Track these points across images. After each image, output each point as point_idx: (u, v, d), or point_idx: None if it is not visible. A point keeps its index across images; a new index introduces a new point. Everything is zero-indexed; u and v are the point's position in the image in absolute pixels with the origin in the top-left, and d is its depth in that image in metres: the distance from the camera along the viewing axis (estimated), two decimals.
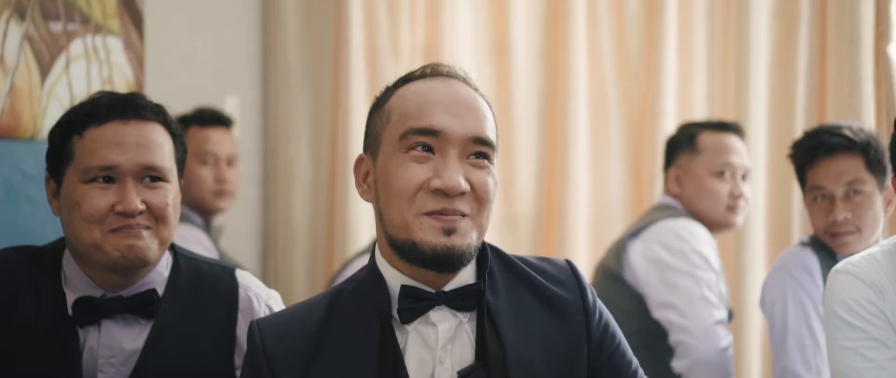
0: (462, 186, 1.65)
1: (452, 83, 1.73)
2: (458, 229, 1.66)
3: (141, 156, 1.91)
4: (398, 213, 1.67)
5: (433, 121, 1.67)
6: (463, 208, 1.67)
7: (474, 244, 1.69)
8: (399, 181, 1.67)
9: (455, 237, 1.66)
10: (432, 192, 1.65)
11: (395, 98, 1.73)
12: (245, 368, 1.76)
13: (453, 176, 1.65)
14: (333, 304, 1.76)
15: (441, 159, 1.67)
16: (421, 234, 1.66)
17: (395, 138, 1.69)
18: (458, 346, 1.72)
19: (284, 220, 4.14)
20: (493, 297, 1.74)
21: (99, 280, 1.95)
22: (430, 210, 1.66)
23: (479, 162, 1.69)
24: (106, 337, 1.94)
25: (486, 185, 1.69)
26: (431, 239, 1.65)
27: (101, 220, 1.89)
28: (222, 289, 2.02)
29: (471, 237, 1.68)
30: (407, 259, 1.69)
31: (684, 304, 3.12)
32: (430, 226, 1.66)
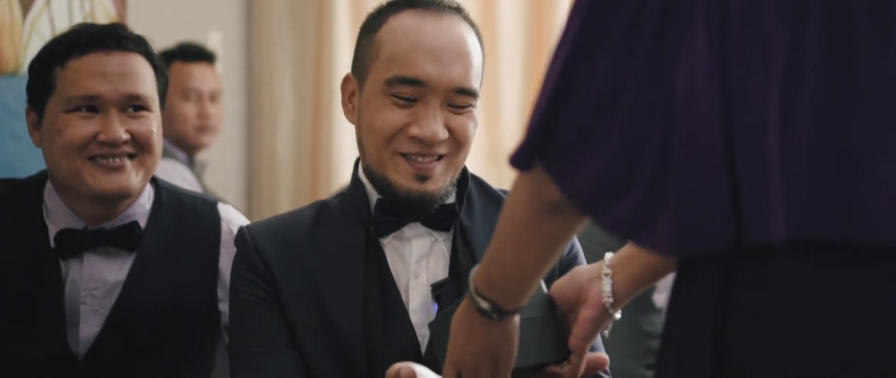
0: (440, 136, 1.69)
1: (444, 21, 1.73)
2: (432, 175, 1.70)
3: (124, 85, 1.91)
4: (375, 150, 1.72)
5: (419, 71, 1.68)
6: (440, 151, 1.71)
7: (448, 185, 1.74)
8: (379, 122, 1.70)
9: (429, 183, 1.70)
10: (410, 137, 1.69)
11: (386, 30, 1.74)
12: (237, 271, 1.79)
13: (432, 125, 1.68)
14: (320, 213, 1.81)
15: (422, 107, 1.69)
16: (395, 174, 1.70)
17: (380, 79, 1.71)
18: (433, 263, 1.76)
19: (268, 156, 4.15)
20: (469, 219, 1.78)
21: (81, 212, 1.95)
22: (405, 152, 1.70)
23: (460, 109, 1.72)
24: (88, 269, 1.95)
25: (465, 130, 1.72)
26: (405, 183, 1.70)
27: (83, 148, 1.89)
28: (205, 221, 2.03)
29: (444, 180, 1.73)
30: (382, 193, 1.75)
31: None
32: (404, 169, 1.70)
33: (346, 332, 1.72)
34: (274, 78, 4.11)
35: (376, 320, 1.72)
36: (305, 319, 1.74)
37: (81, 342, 1.94)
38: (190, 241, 2.01)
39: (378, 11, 1.79)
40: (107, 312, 1.94)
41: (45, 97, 1.92)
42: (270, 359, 1.73)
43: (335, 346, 1.72)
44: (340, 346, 1.72)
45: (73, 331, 1.94)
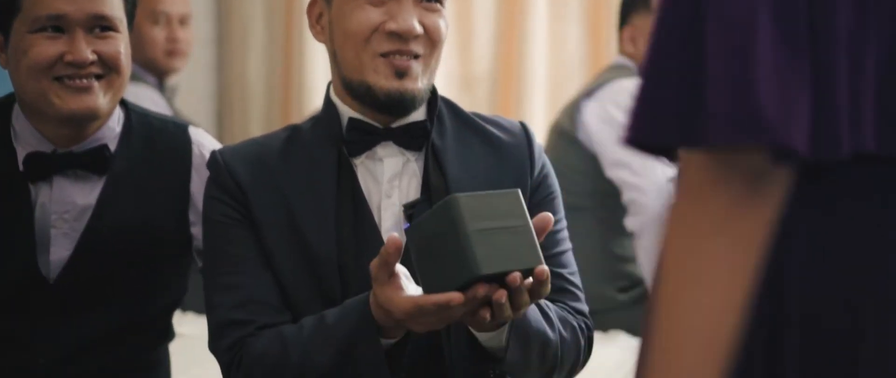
0: (416, 29, 1.71)
1: None
2: (409, 72, 1.72)
3: (90, 5, 1.88)
4: (354, 54, 1.73)
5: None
6: (416, 49, 1.72)
7: (425, 87, 1.75)
8: (354, 24, 1.72)
9: (407, 81, 1.72)
10: (387, 34, 1.70)
11: None
12: (209, 193, 1.79)
13: (408, 19, 1.70)
14: (292, 136, 1.82)
15: (396, 3, 1.71)
16: (375, 76, 1.71)
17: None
18: (405, 182, 1.78)
19: (239, 80, 4.12)
20: (440, 139, 1.79)
21: (49, 135, 1.93)
22: (384, 51, 1.71)
23: (432, 5, 1.74)
24: (58, 192, 1.93)
25: (438, 28, 1.74)
26: (384, 83, 1.71)
27: (49, 68, 1.87)
28: (175, 145, 2.01)
29: (422, 80, 1.74)
30: (360, 100, 1.75)
31: (637, 163, 3.16)
32: (383, 69, 1.71)
33: (318, 252, 1.72)
34: (245, 0, 4.07)
35: (349, 240, 1.73)
36: (278, 240, 1.74)
37: (52, 266, 1.93)
38: (161, 165, 2.00)
39: None
40: (77, 236, 1.94)
41: (11, 18, 1.90)
42: (244, 277, 1.73)
43: (308, 266, 1.73)
44: (313, 266, 1.72)
45: (44, 254, 1.93)
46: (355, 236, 1.73)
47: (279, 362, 1.67)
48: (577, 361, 1.77)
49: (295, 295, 1.73)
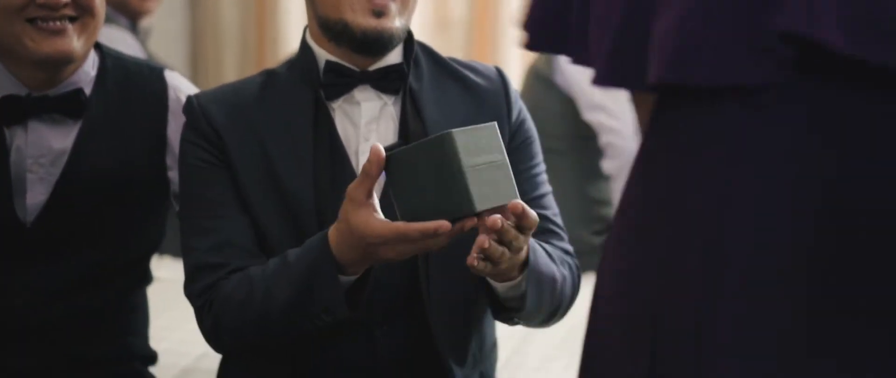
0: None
1: None
2: (387, 11, 1.71)
3: None
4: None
5: None
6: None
7: (402, 27, 1.75)
8: None
9: (385, 20, 1.71)
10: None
11: None
12: (186, 137, 1.79)
13: None
14: (268, 80, 1.81)
15: None
16: (352, 15, 1.70)
17: None
18: (383, 126, 1.78)
19: (213, 21, 4.08)
20: (417, 83, 1.79)
21: (24, 79, 1.91)
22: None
23: None
24: (33, 136, 1.92)
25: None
26: (362, 21, 1.70)
27: (21, 9, 1.84)
28: (151, 88, 2.00)
29: (399, 20, 1.74)
30: (336, 41, 1.75)
31: (614, 106, 3.16)
32: (361, 6, 1.70)
33: (296, 195, 1.73)
34: None
35: (326, 182, 1.73)
36: (255, 184, 1.74)
37: (29, 209, 1.92)
38: (137, 108, 1.98)
39: None
40: (54, 180, 1.92)
41: None
42: (220, 221, 1.74)
43: (285, 209, 1.73)
44: (290, 209, 1.73)
45: (21, 198, 1.91)
46: (332, 179, 1.74)
47: (244, 302, 1.68)
48: (573, 299, 1.80)
49: (272, 238, 1.73)
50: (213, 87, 1.86)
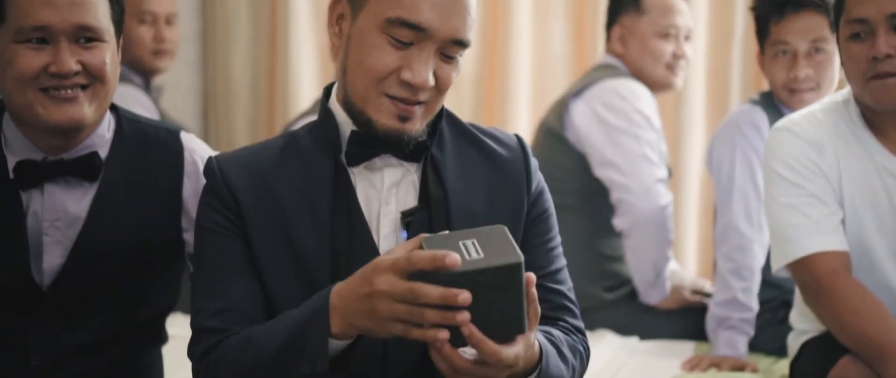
0: (430, 83, 1.70)
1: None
2: (412, 117, 1.72)
3: (75, 15, 1.86)
4: (362, 86, 1.72)
5: (422, 18, 1.67)
6: (423, 98, 1.72)
7: (423, 126, 1.75)
8: (372, 60, 1.70)
9: (408, 124, 1.72)
10: (400, 81, 1.69)
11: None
12: (204, 200, 1.79)
13: (423, 72, 1.69)
14: (289, 143, 1.81)
15: (417, 52, 1.69)
16: (377, 114, 1.71)
17: (380, 15, 1.69)
18: (403, 191, 1.78)
19: (224, 77, 4.10)
20: (439, 151, 1.80)
21: (39, 143, 1.92)
22: (392, 94, 1.70)
23: (450, 59, 1.73)
24: (49, 200, 1.92)
25: (449, 79, 1.73)
26: (386, 121, 1.71)
27: (34, 79, 1.85)
28: (167, 151, 2.01)
29: (423, 122, 1.74)
30: (357, 123, 1.75)
31: (626, 163, 3.16)
32: (387, 109, 1.71)
33: (312, 259, 1.73)
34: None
35: (343, 246, 1.73)
36: (271, 247, 1.74)
37: (46, 273, 1.93)
38: (152, 171, 1.99)
39: None
40: (70, 244, 1.93)
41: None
42: (229, 286, 1.74)
43: (301, 273, 1.73)
44: (307, 273, 1.72)
45: (37, 261, 1.92)
46: (350, 243, 1.73)
47: (239, 355, 1.67)
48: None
49: (286, 301, 1.72)
50: (234, 150, 1.86)
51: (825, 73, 2.86)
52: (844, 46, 2.19)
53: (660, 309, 3.25)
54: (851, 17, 2.16)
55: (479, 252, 1.49)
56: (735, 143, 2.93)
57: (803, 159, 2.23)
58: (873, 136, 2.22)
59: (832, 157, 2.22)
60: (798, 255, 2.19)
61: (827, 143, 2.23)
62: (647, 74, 3.34)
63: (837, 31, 2.23)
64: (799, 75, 2.84)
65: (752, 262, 2.90)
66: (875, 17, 2.13)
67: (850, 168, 2.21)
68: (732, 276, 2.91)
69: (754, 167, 2.89)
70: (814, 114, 2.28)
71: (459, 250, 1.49)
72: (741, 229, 2.90)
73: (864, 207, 2.21)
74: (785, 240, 2.22)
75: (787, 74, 2.86)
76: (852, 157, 2.22)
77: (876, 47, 2.12)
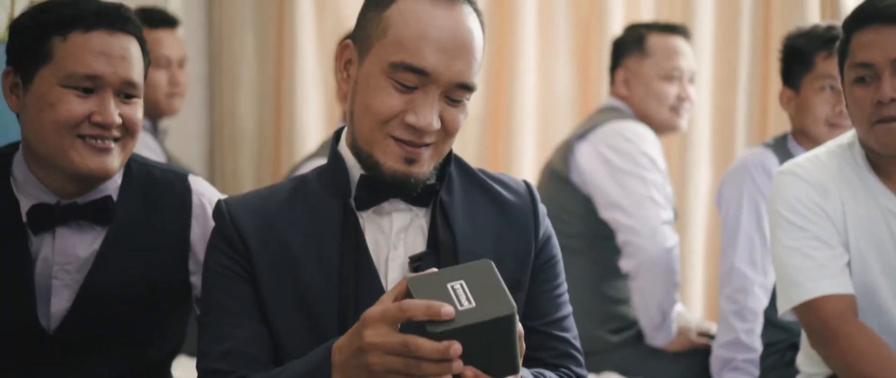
0: (434, 126, 1.70)
1: (455, 11, 1.72)
2: (419, 159, 1.72)
3: (124, 70, 1.90)
4: (368, 129, 1.72)
5: (425, 62, 1.68)
6: (430, 140, 1.72)
7: (431, 168, 1.75)
8: (377, 103, 1.70)
9: (415, 167, 1.72)
10: (405, 124, 1.70)
11: (396, 10, 1.72)
12: (213, 243, 1.80)
13: (428, 115, 1.69)
14: (297, 187, 1.82)
15: (422, 96, 1.70)
16: (384, 156, 1.72)
17: (384, 60, 1.70)
18: (412, 236, 1.78)
19: (231, 119, 4.10)
20: (448, 195, 1.80)
21: (54, 187, 1.93)
22: (398, 137, 1.71)
23: (456, 102, 1.73)
24: (60, 244, 1.93)
25: (456, 122, 1.74)
26: (393, 164, 1.72)
27: (75, 126, 1.87)
28: (175, 194, 2.01)
29: (429, 165, 1.75)
30: (365, 167, 1.75)
31: (632, 205, 3.16)
32: (394, 152, 1.71)
33: (319, 303, 1.73)
34: (235, 38, 4.06)
35: (350, 290, 1.73)
36: (279, 291, 1.74)
37: (53, 317, 1.93)
38: (161, 214, 2.00)
39: None
40: (78, 287, 1.93)
41: (37, 65, 1.88)
42: (235, 329, 1.74)
43: (309, 317, 1.73)
44: (314, 317, 1.73)
45: (44, 305, 1.92)
46: (357, 287, 1.74)
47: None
48: None
49: (294, 346, 1.72)
50: (244, 193, 1.87)
51: None
52: (849, 90, 2.21)
53: (666, 351, 3.25)
54: (856, 61, 2.17)
55: (469, 300, 1.47)
56: (744, 185, 2.93)
57: (808, 202, 2.23)
58: (878, 179, 2.23)
59: (837, 200, 2.22)
60: (804, 299, 2.19)
61: (832, 187, 2.23)
62: (652, 117, 3.35)
63: (842, 74, 2.24)
64: (845, 110, 2.86)
65: (755, 304, 2.90)
66: (879, 61, 2.14)
67: (855, 211, 2.22)
68: (735, 317, 2.91)
69: (761, 211, 2.90)
70: (818, 157, 2.29)
71: (450, 296, 1.47)
72: (744, 271, 2.90)
73: (870, 250, 2.21)
74: (791, 283, 2.22)
75: (833, 109, 2.87)
76: (857, 201, 2.22)
77: (880, 91, 2.13)
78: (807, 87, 2.91)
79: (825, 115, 2.89)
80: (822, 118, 2.89)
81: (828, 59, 2.86)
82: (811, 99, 2.90)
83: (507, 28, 4.02)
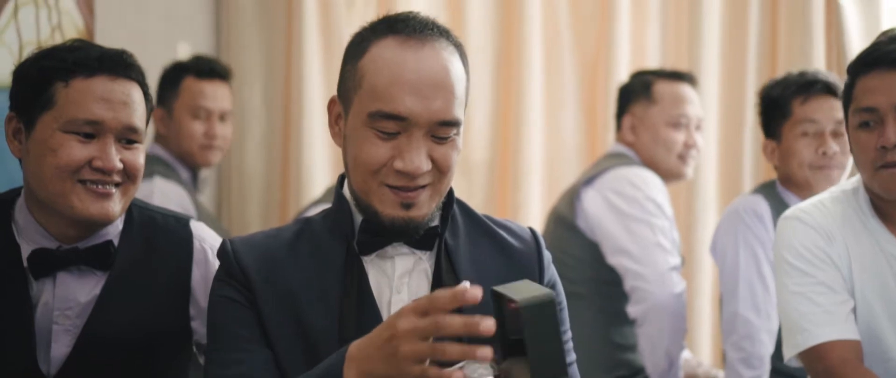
0: (423, 169, 1.69)
1: (426, 49, 1.71)
2: (416, 202, 1.71)
3: (126, 115, 1.91)
4: (361, 180, 1.73)
5: (400, 107, 1.67)
6: (424, 181, 1.71)
7: (432, 211, 1.74)
8: (363, 155, 1.70)
9: (413, 210, 1.72)
10: (395, 170, 1.69)
11: (368, 59, 1.72)
12: (218, 276, 1.79)
13: (415, 159, 1.68)
14: (302, 229, 1.81)
15: (406, 140, 1.69)
16: (381, 205, 1.71)
17: (363, 111, 1.70)
18: (415, 280, 1.78)
19: (238, 167, 4.12)
20: (453, 240, 1.79)
21: (55, 232, 1.93)
22: (391, 184, 1.70)
23: (443, 139, 1.72)
24: (61, 289, 1.93)
25: (448, 159, 1.72)
26: (390, 211, 1.71)
27: (76, 171, 1.88)
28: (177, 239, 2.02)
29: (429, 206, 1.74)
30: (365, 214, 1.75)
31: (639, 251, 3.15)
32: (390, 199, 1.71)
33: (320, 343, 1.72)
34: (243, 88, 4.08)
35: (351, 333, 1.72)
36: (281, 331, 1.74)
37: (53, 362, 1.92)
38: (162, 259, 2.00)
39: (361, 36, 1.77)
40: (78, 332, 1.93)
41: (39, 110, 1.89)
42: (243, 355, 1.73)
43: (312, 357, 1.72)
44: (315, 357, 1.72)
45: (44, 350, 1.92)
46: (358, 329, 1.73)
47: None
48: None
49: None
50: (249, 234, 1.87)
51: (848, 154, 2.88)
52: (853, 135, 2.20)
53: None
54: (860, 105, 2.17)
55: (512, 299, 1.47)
56: (737, 232, 2.93)
57: (813, 248, 2.22)
58: (883, 225, 2.22)
59: (842, 245, 2.21)
60: (809, 344, 2.18)
61: (836, 232, 2.22)
62: (659, 164, 3.35)
63: (846, 119, 2.24)
64: (828, 151, 2.87)
65: (762, 351, 2.89)
66: (884, 106, 2.14)
67: (860, 257, 2.21)
68: (742, 365, 2.89)
69: (758, 256, 2.89)
70: (823, 202, 2.28)
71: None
72: (748, 318, 2.89)
73: (875, 296, 2.19)
74: (796, 329, 2.20)
75: (816, 151, 2.89)
76: (862, 246, 2.21)
77: (884, 136, 2.13)
78: (787, 134, 2.94)
79: (809, 159, 2.91)
80: (806, 163, 2.91)
81: (804, 104, 2.91)
82: (793, 145, 2.93)
83: (514, 73, 4.04)
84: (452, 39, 1.75)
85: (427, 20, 1.75)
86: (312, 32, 4.06)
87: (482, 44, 4.08)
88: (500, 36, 4.09)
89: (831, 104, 2.90)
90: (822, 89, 2.91)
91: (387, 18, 1.76)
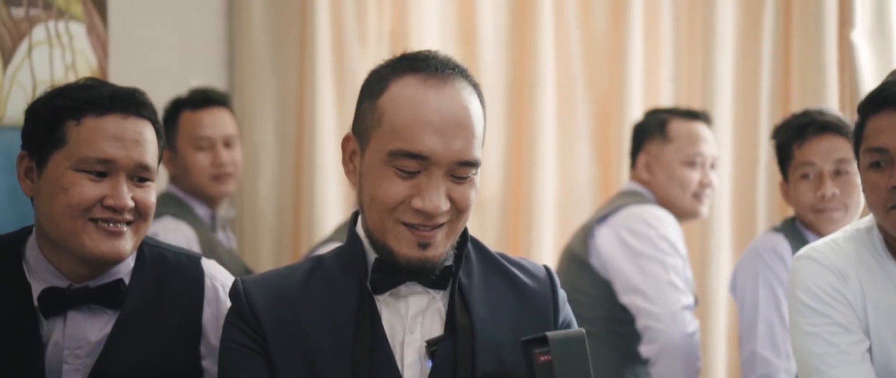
0: (442, 208, 1.69)
1: (447, 89, 1.71)
2: (433, 242, 1.71)
3: (138, 154, 1.91)
4: (378, 218, 1.72)
5: (421, 146, 1.68)
6: (441, 220, 1.71)
7: (447, 250, 1.74)
8: (381, 193, 1.70)
9: (430, 250, 1.71)
10: (413, 209, 1.69)
11: (388, 98, 1.72)
12: (229, 319, 1.79)
13: (434, 199, 1.68)
14: (314, 268, 1.81)
15: (425, 179, 1.69)
16: (397, 243, 1.71)
17: (382, 149, 1.70)
18: (429, 319, 1.77)
19: (251, 206, 4.12)
20: (466, 279, 1.78)
21: (66, 270, 1.93)
22: (408, 222, 1.70)
23: (462, 179, 1.72)
24: (72, 328, 1.93)
25: (466, 199, 1.72)
26: (407, 251, 1.71)
27: (88, 210, 1.88)
28: (188, 277, 2.01)
29: (445, 246, 1.73)
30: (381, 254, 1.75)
31: (652, 290, 3.14)
32: (406, 238, 1.70)
33: None
34: (256, 127, 4.09)
35: (364, 372, 1.71)
36: (292, 371, 1.73)
37: None
38: (173, 298, 1.99)
39: (380, 74, 1.76)
40: (88, 371, 1.92)
41: (51, 149, 1.90)
42: None
43: None
44: None
45: None
46: (371, 371, 1.72)
47: None
48: None
49: None
50: (261, 273, 1.87)
51: (851, 194, 2.86)
52: (864, 175, 2.19)
53: None
54: (871, 145, 2.16)
55: None
56: (758, 271, 2.91)
57: (827, 287, 2.20)
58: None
59: (856, 285, 2.20)
60: None
61: (850, 272, 2.21)
62: (674, 202, 3.33)
63: (858, 159, 2.23)
64: (826, 193, 2.85)
65: None
66: (893, 146, 2.13)
67: (875, 296, 2.19)
68: None
69: (778, 295, 2.87)
70: (836, 241, 2.27)
71: None
72: (767, 357, 2.86)
73: (890, 335, 2.18)
74: (812, 370, 2.18)
75: (814, 194, 2.87)
76: (876, 286, 2.19)
77: (895, 177, 2.12)
78: (792, 177, 2.94)
79: (809, 202, 2.89)
80: (807, 206, 2.89)
81: (801, 147, 2.89)
82: (796, 188, 2.93)
83: (527, 112, 4.04)
84: (471, 79, 1.76)
85: (447, 59, 1.75)
86: (325, 70, 4.06)
87: (495, 81, 4.08)
88: (513, 73, 4.10)
89: (830, 144, 2.87)
90: (817, 130, 2.88)
91: (406, 56, 1.76)
